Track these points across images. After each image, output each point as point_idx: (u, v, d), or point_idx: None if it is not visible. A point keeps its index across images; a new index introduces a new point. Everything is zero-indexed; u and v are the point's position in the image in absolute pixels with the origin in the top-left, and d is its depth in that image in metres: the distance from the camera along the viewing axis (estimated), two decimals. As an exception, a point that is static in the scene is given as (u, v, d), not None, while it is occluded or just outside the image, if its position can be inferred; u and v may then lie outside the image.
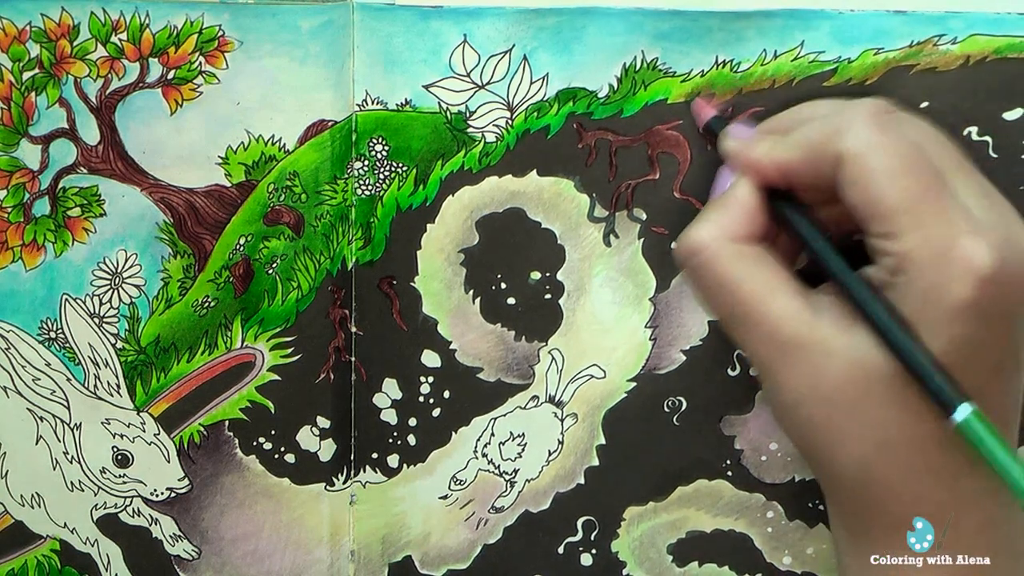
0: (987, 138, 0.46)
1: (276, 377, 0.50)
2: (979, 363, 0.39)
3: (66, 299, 0.49)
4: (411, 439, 0.51)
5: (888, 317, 0.39)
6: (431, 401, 0.50)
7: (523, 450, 0.51)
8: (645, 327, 0.49)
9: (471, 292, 0.49)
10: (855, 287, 0.40)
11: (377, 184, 0.48)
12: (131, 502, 0.51)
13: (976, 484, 0.40)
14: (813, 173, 0.41)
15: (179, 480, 0.51)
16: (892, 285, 0.39)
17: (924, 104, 0.46)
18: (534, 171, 0.48)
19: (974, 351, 0.38)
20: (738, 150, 0.43)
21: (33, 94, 0.47)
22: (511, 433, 0.51)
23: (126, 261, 0.49)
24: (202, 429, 0.51)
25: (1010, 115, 0.46)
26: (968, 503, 0.41)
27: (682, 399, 0.50)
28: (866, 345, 0.39)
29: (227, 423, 0.51)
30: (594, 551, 0.52)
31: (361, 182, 0.48)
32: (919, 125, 0.42)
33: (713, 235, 0.42)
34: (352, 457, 0.51)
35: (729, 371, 0.50)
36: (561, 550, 0.52)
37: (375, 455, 0.51)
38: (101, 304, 0.49)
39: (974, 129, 0.46)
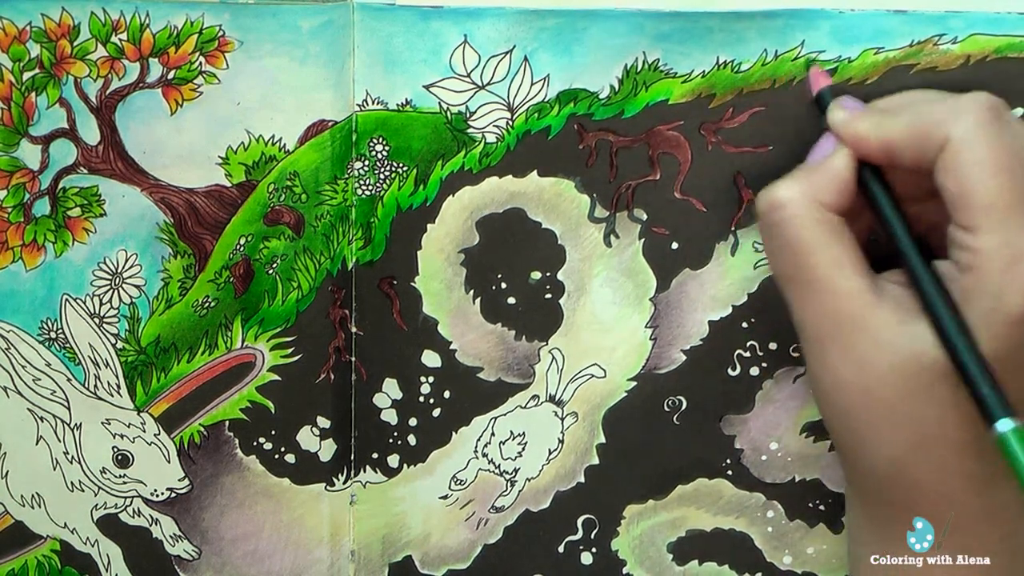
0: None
1: (276, 377, 0.50)
2: None
3: (66, 299, 0.49)
4: (411, 439, 0.51)
5: (950, 313, 0.39)
6: (431, 401, 0.50)
7: (523, 449, 0.51)
8: (645, 327, 0.49)
9: (471, 292, 0.49)
10: (924, 276, 0.40)
11: (377, 184, 0.48)
12: (131, 502, 0.51)
13: (1007, 495, 0.40)
14: (915, 154, 0.40)
15: (179, 480, 0.51)
16: (960, 281, 0.39)
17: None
18: (535, 172, 0.48)
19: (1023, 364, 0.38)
20: (846, 120, 0.43)
21: (33, 94, 0.47)
22: (511, 432, 0.51)
23: (126, 261, 0.49)
24: (202, 429, 0.51)
25: (1011, 115, 0.46)
26: (996, 512, 0.40)
27: (682, 398, 0.50)
28: (922, 339, 0.39)
29: (227, 423, 0.51)
30: (594, 550, 0.52)
31: (361, 182, 0.48)
32: None
33: (799, 194, 0.42)
34: (352, 457, 0.51)
35: (729, 371, 0.50)
36: (561, 549, 0.52)
37: (375, 455, 0.51)
38: (101, 304, 0.49)
39: (974, 129, 0.46)
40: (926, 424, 0.39)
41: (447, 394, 0.50)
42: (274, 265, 0.49)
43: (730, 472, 0.51)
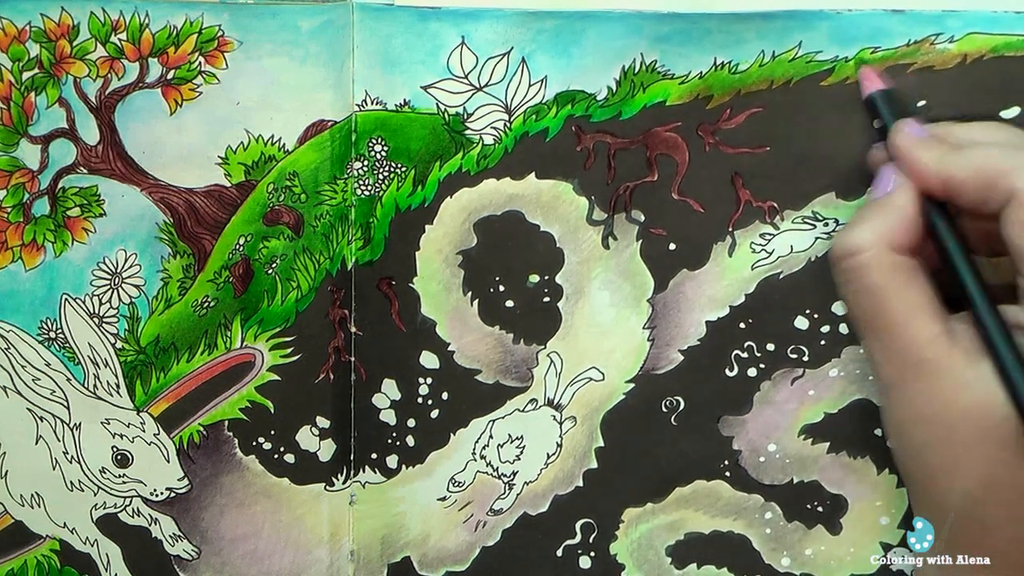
0: (985, 138, 0.46)
1: (276, 377, 0.50)
2: None
3: (66, 299, 0.49)
4: (410, 440, 0.51)
5: (1009, 351, 0.39)
6: (430, 402, 0.50)
7: (521, 453, 0.51)
8: (643, 328, 0.49)
9: (469, 294, 0.50)
10: (988, 319, 0.40)
11: (376, 184, 0.49)
12: (131, 502, 0.51)
13: None
14: (977, 196, 0.41)
15: (179, 480, 0.51)
16: None
17: (921, 103, 0.46)
18: (532, 174, 0.48)
19: None
20: (908, 149, 0.43)
21: (33, 94, 0.47)
22: (509, 435, 0.51)
23: (126, 261, 0.49)
24: (202, 429, 0.51)
25: (1007, 113, 0.45)
26: None
27: (680, 399, 0.50)
28: (993, 381, 0.39)
29: (227, 423, 0.51)
30: (593, 553, 0.52)
31: (361, 182, 0.49)
32: None
33: (872, 241, 0.42)
34: (352, 457, 0.51)
35: (727, 371, 0.49)
36: (560, 553, 0.52)
37: (374, 455, 0.51)
38: (101, 304, 0.49)
39: (972, 129, 0.46)
40: (998, 466, 0.40)
41: (445, 396, 0.50)
42: (273, 265, 0.49)
43: (728, 474, 0.50)
